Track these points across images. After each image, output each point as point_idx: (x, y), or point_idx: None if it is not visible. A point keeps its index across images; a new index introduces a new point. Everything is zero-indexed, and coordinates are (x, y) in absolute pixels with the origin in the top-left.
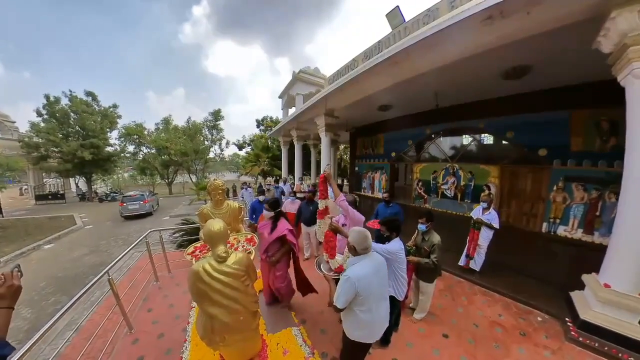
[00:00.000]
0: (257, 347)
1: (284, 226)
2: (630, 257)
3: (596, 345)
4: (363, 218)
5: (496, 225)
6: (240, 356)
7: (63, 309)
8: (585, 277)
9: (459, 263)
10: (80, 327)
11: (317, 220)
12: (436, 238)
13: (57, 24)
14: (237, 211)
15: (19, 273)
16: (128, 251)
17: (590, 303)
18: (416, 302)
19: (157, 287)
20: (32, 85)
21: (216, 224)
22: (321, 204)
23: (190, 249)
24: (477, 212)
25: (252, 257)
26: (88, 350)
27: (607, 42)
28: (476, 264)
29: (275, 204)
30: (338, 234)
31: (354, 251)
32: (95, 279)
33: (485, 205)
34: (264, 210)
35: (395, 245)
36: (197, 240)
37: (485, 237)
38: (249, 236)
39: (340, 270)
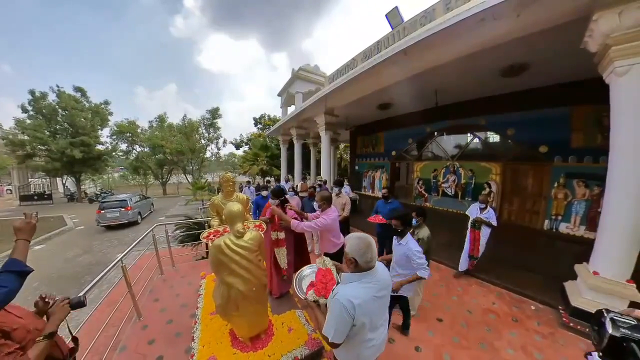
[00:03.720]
0: (265, 323)
1: (291, 212)
2: (616, 245)
3: (587, 330)
4: (335, 218)
5: (494, 223)
6: (250, 329)
7: (90, 284)
8: (577, 267)
9: (460, 269)
10: (83, 323)
11: (275, 249)
12: (425, 232)
13: (39, 14)
14: (245, 202)
15: (36, 217)
16: (140, 240)
17: (581, 290)
18: None
19: (162, 279)
20: (12, 80)
21: (235, 206)
22: (273, 235)
23: (205, 233)
24: (473, 212)
25: (263, 237)
26: (100, 337)
27: (593, 42)
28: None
29: (279, 193)
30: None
31: (355, 266)
32: (112, 264)
33: (482, 205)
34: (269, 200)
35: (416, 243)
36: (197, 236)
37: (484, 235)
38: (257, 223)
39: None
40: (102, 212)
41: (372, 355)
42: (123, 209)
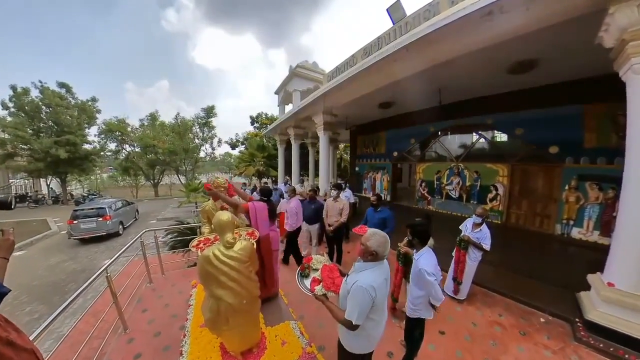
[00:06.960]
0: (257, 337)
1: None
2: (634, 255)
3: (601, 345)
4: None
5: (487, 246)
6: (241, 343)
7: (74, 295)
8: (590, 277)
9: (444, 289)
10: (66, 336)
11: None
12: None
13: (20, 4)
14: None
15: (13, 233)
16: (128, 246)
17: (594, 303)
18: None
19: (151, 288)
20: None
21: (224, 215)
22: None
23: (195, 242)
24: (466, 227)
25: (254, 247)
26: (83, 350)
27: (608, 37)
28: (461, 291)
29: (267, 192)
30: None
31: (375, 256)
32: (96, 274)
33: (479, 220)
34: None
35: (431, 261)
36: (190, 241)
37: (473, 259)
38: (249, 230)
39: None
40: (75, 222)
41: (378, 335)
42: (101, 219)
